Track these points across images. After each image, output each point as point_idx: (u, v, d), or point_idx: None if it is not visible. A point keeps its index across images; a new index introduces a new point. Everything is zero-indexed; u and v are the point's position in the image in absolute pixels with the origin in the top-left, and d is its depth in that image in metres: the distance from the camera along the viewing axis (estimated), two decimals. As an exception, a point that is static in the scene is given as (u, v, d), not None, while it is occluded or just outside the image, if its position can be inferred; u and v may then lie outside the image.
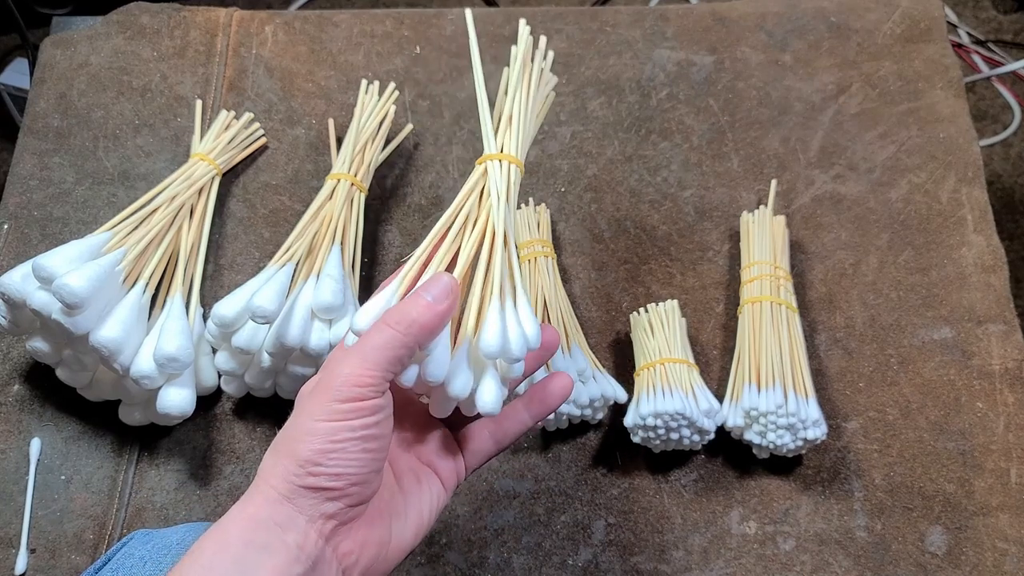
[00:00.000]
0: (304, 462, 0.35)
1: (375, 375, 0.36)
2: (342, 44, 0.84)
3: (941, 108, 0.79)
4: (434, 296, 0.38)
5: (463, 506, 0.64)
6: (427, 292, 0.38)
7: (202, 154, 0.73)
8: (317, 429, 0.35)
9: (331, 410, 0.35)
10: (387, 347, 0.36)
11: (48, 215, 0.75)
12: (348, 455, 0.36)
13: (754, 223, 0.71)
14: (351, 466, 0.36)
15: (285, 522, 0.35)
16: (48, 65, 0.82)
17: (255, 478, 0.37)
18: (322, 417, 0.36)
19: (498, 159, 0.47)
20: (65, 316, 0.57)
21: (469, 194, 0.45)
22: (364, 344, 0.37)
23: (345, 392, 0.36)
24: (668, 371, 0.63)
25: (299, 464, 0.35)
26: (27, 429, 0.67)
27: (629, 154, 0.78)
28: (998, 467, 0.65)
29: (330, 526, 0.36)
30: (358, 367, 0.36)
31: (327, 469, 0.35)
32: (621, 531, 0.63)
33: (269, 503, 0.35)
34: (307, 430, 0.36)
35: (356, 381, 0.36)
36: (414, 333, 0.37)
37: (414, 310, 0.37)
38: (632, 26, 0.84)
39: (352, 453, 0.36)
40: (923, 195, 0.75)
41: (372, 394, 0.36)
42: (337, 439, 0.35)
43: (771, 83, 0.81)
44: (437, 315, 0.37)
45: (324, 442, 0.35)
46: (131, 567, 0.51)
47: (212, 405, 0.68)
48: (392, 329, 0.36)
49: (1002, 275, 0.71)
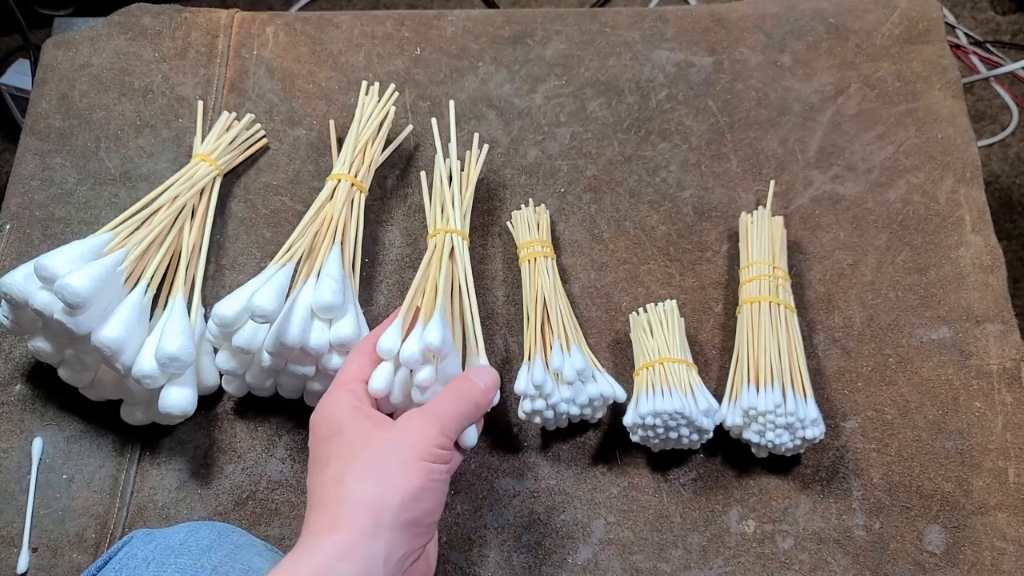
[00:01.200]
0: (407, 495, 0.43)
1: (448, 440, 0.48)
2: (343, 45, 0.84)
3: (939, 109, 0.79)
4: (485, 384, 0.51)
5: (463, 504, 0.65)
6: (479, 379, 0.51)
7: (203, 155, 0.73)
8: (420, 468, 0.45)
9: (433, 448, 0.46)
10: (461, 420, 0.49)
11: (50, 215, 0.75)
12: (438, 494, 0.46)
13: (753, 223, 0.72)
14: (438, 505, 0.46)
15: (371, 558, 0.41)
16: (50, 66, 0.82)
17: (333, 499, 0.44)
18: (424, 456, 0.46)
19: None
20: (67, 316, 0.58)
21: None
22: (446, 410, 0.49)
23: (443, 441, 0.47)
24: (667, 371, 0.63)
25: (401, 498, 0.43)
26: (29, 428, 0.67)
27: (628, 155, 0.79)
28: (996, 466, 0.65)
29: (407, 563, 0.44)
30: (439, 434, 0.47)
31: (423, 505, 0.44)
32: (620, 530, 0.64)
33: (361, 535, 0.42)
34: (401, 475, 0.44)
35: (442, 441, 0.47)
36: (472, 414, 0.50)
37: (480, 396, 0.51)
38: (631, 27, 0.84)
39: (440, 492, 0.46)
40: (921, 195, 0.76)
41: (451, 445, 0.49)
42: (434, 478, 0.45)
43: (770, 84, 0.81)
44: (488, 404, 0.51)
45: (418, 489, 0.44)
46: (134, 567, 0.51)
47: (213, 404, 0.68)
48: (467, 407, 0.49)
49: (1000, 275, 0.72)
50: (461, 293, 0.64)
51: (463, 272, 0.65)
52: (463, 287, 0.64)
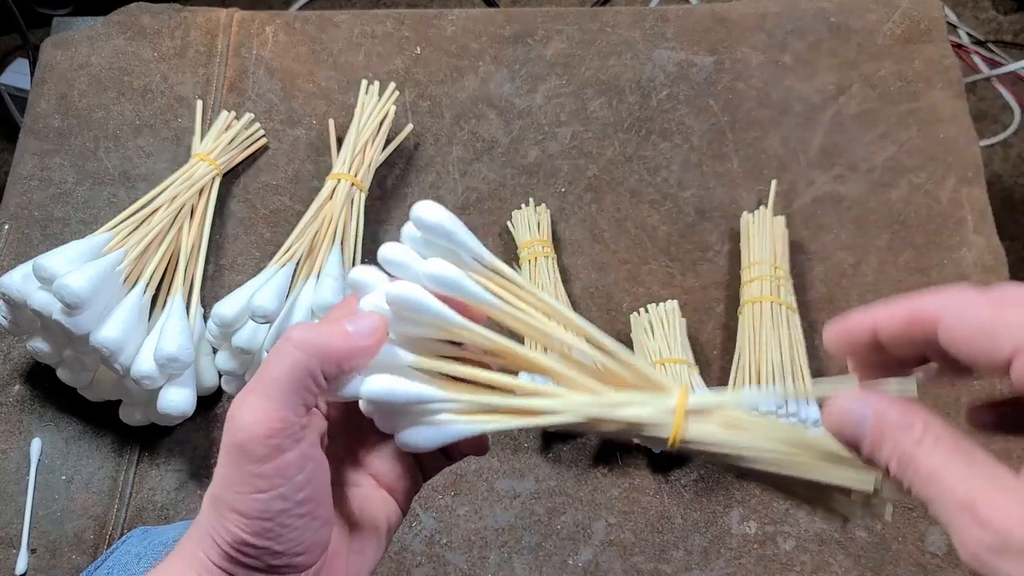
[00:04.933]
0: (239, 544, 0.30)
1: (283, 416, 0.29)
2: (342, 45, 0.84)
3: (941, 108, 0.79)
4: (356, 329, 0.31)
5: (463, 506, 0.65)
6: (351, 323, 0.31)
7: (203, 154, 0.73)
8: (244, 508, 0.30)
9: (251, 475, 0.29)
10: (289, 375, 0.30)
11: (49, 215, 0.75)
12: (287, 529, 0.30)
13: (754, 223, 0.71)
14: (293, 539, 0.30)
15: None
16: (49, 66, 0.82)
17: (195, 523, 0.32)
18: (245, 489, 0.29)
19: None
20: (66, 316, 0.57)
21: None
22: (262, 377, 0.30)
23: (257, 450, 0.29)
24: (668, 371, 0.63)
25: (234, 547, 0.30)
26: (28, 429, 0.67)
27: (629, 154, 0.78)
28: (998, 467, 0.65)
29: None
30: (260, 410, 0.29)
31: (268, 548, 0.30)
32: (621, 531, 0.63)
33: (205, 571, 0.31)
34: (232, 507, 0.30)
35: (263, 430, 0.29)
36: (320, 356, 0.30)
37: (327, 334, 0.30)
38: (632, 27, 0.84)
39: (290, 524, 0.30)
40: (923, 196, 0.75)
41: (289, 443, 0.29)
42: (269, 514, 0.30)
43: (771, 83, 0.81)
44: (353, 348, 0.31)
45: (256, 522, 0.30)
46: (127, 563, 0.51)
47: (213, 405, 0.68)
48: (297, 351, 0.30)
49: (1002, 276, 0.71)
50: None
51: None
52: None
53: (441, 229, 0.31)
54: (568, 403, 0.31)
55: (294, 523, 0.30)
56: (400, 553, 0.64)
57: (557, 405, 0.31)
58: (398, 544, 0.64)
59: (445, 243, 0.31)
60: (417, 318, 0.31)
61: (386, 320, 0.32)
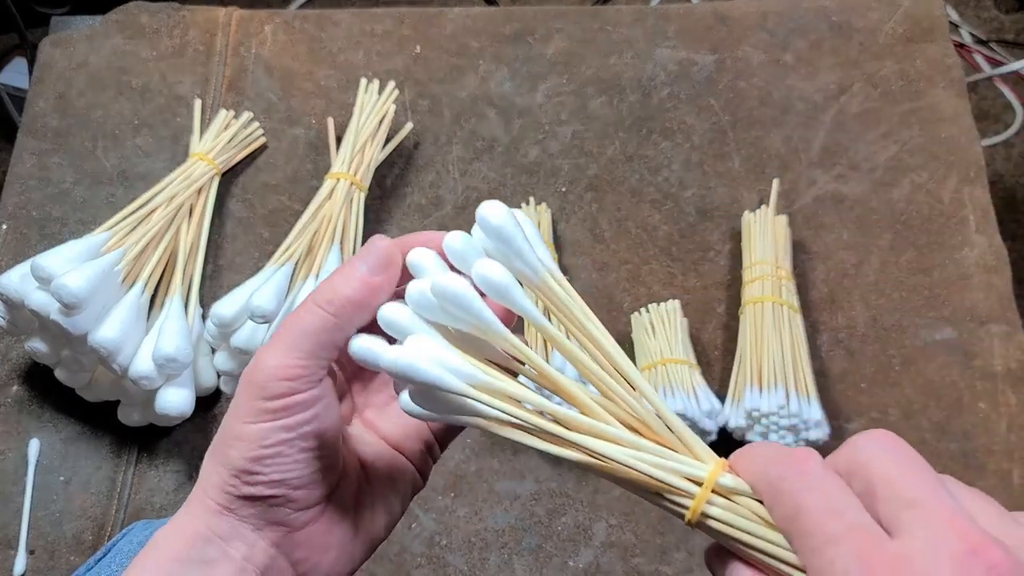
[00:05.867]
0: (238, 472, 0.31)
1: (305, 365, 0.31)
2: (342, 43, 0.83)
3: (943, 108, 0.78)
4: (369, 267, 0.31)
5: (463, 507, 0.64)
6: (361, 262, 0.31)
7: (201, 154, 0.73)
8: (246, 433, 0.31)
9: (259, 409, 0.30)
10: (317, 331, 0.31)
11: (47, 215, 0.74)
12: (285, 459, 0.31)
13: (756, 223, 0.71)
14: (291, 470, 0.31)
15: (228, 533, 0.32)
16: (47, 65, 0.82)
17: (197, 482, 0.33)
18: (250, 419, 0.31)
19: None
20: (64, 316, 0.57)
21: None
22: (290, 329, 0.31)
23: (272, 388, 0.30)
24: (669, 372, 0.63)
25: (233, 473, 0.31)
26: (26, 430, 0.67)
27: (630, 154, 0.78)
28: (1000, 468, 0.64)
29: (281, 532, 0.32)
30: (284, 357, 0.30)
31: (264, 477, 0.31)
32: (622, 532, 0.63)
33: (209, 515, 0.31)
34: (236, 434, 0.31)
35: (283, 374, 0.30)
36: (348, 313, 0.31)
37: (346, 286, 0.31)
38: (633, 25, 0.84)
39: (290, 456, 0.31)
40: (925, 195, 0.75)
41: (304, 386, 0.31)
42: (270, 442, 0.31)
43: (773, 82, 0.81)
44: (373, 290, 0.31)
45: (256, 448, 0.30)
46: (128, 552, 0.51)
47: (211, 406, 0.68)
48: (322, 310, 0.31)
49: (1004, 275, 0.71)
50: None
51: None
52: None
53: (499, 233, 0.30)
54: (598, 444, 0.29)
55: (295, 455, 0.31)
56: (400, 554, 0.63)
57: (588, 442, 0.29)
58: (397, 545, 0.63)
59: (504, 248, 0.30)
60: (459, 314, 0.30)
61: (396, 249, 0.32)
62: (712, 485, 0.27)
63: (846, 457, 0.26)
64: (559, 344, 0.30)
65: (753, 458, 0.27)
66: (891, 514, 0.23)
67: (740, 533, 0.26)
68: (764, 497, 0.26)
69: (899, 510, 0.23)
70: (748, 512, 0.26)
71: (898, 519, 0.23)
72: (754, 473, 0.27)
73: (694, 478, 0.27)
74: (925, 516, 0.23)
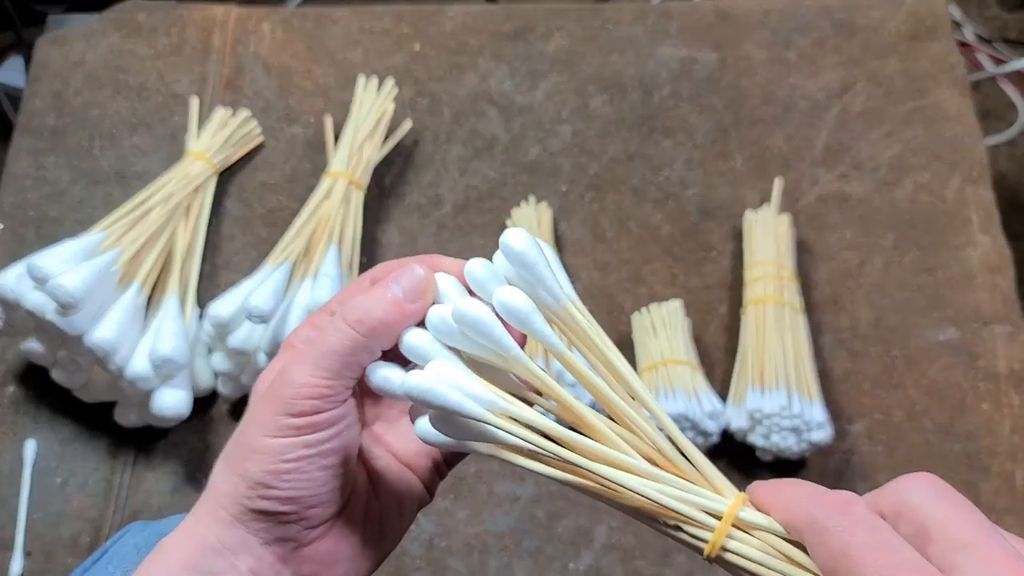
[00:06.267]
0: (254, 484, 0.31)
1: (332, 384, 0.31)
2: (340, 41, 0.83)
3: (946, 106, 0.78)
4: (405, 292, 0.31)
5: (463, 510, 0.64)
6: (398, 285, 0.31)
7: (198, 152, 0.72)
8: (267, 447, 0.31)
9: (283, 425, 0.31)
10: (345, 352, 0.31)
11: (43, 215, 0.74)
12: (303, 475, 0.31)
13: (758, 222, 0.71)
14: (308, 488, 0.31)
15: (237, 546, 0.32)
16: (44, 63, 0.81)
17: (206, 489, 0.32)
18: (272, 432, 0.31)
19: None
20: (60, 317, 0.57)
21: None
22: (319, 346, 0.31)
23: (299, 405, 0.31)
24: (671, 372, 0.62)
25: (249, 486, 0.31)
26: (22, 431, 0.66)
27: (632, 152, 0.78)
28: (1004, 470, 0.64)
29: (289, 548, 0.32)
30: (312, 375, 0.31)
31: (280, 492, 0.31)
32: (623, 535, 0.63)
33: (219, 524, 0.31)
34: (256, 447, 0.31)
35: (310, 392, 0.31)
36: (378, 335, 0.31)
37: (379, 308, 0.31)
38: (635, 23, 0.83)
39: (308, 473, 0.31)
40: (928, 194, 0.74)
41: (330, 405, 0.31)
42: (290, 458, 0.31)
43: (775, 81, 0.80)
44: (405, 316, 0.31)
45: (276, 461, 0.31)
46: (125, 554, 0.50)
47: (208, 407, 0.67)
48: (352, 330, 0.31)
49: (1008, 275, 0.71)
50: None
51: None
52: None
53: (521, 259, 0.29)
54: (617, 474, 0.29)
55: (313, 472, 0.31)
56: (399, 557, 0.63)
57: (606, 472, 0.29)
58: (397, 548, 0.63)
59: (527, 275, 0.30)
60: (479, 341, 0.30)
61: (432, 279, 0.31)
62: (732, 519, 0.27)
63: (892, 500, 0.25)
64: (579, 373, 0.30)
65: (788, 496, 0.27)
66: (945, 556, 0.23)
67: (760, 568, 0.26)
68: (806, 534, 0.26)
69: (954, 552, 0.23)
70: (768, 548, 0.26)
71: (953, 562, 0.23)
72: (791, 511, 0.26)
73: (713, 512, 0.27)
74: (981, 558, 0.23)
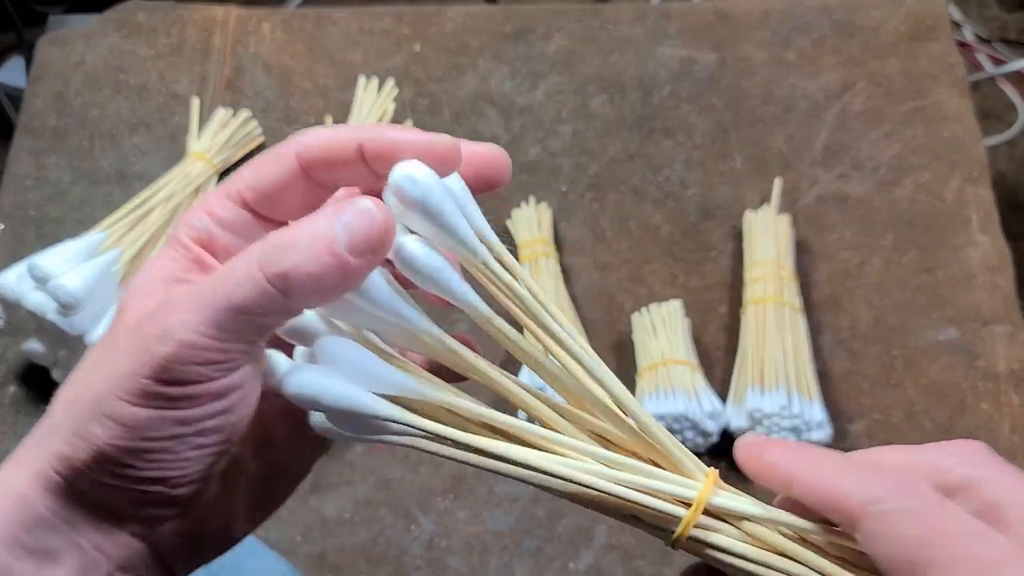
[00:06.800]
0: (101, 456, 0.22)
1: (226, 349, 0.22)
2: (340, 42, 0.83)
3: (946, 107, 0.78)
4: (351, 239, 0.21)
5: (463, 509, 0.64)
6: (341, 226, 0.21)
7: (199, 153, 0.72)
8: (125, 416, 0.22)
9: (150, 392, 0.21)
10: (253, 310, 0.21)
11: (44, 215, 0.74)
12: (171, 456, 0.22)
13: (758, 222, 0.71)
14: (175, 469, 0.23)
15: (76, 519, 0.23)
16: (44, 64, 0.81)
17: (39, 428, 0.23)
18: (133, 398, 0.22)
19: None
20: (61, 317, 0.57)
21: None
22: (216, 294, 0.21)
23: (175, 371, 0.21)
24: (671, 372, 0.62)
25: (92, 456, 0.22)
26: (22, 431, 0.66)
27: (631, 152, 0.78)
28: (1005, 470, 0.64)
29: (145, 524, 0.24)
30: (199, 332, 0.21)
31: (137, 473, 0.22)
32: (623, 535, 0.63)
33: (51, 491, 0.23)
34: (109, 410, 0.22)
35: (193, 357, 0.21)
36: (303, 296, 0.22)
37: (313, 261, 0.21)
38: (634, 23, 0.83)
39: (179, 453, 0.22)
40: (928, 195, 0.74)
41: (218, 374, 0.22)
42: (155, 435, 0.22)
43: (775, 81, 0.80)
44: (347, 276, 0.22)
45: (134, 438, 0.22)
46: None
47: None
48: (270, 285, 0.21)
49: (1008, 275, 0.71)
50: None
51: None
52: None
53: (423, 205, 0.22)
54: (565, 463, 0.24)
55: (185, 452, 0.22)
56: (399, 557, 0.63)
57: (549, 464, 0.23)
58: (396, 548, 0.63)
59: (432, 225, 0.22)
60: (374, 311, 0.23)
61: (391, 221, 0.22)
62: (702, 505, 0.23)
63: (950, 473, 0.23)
64: (505, 340, 0.24)
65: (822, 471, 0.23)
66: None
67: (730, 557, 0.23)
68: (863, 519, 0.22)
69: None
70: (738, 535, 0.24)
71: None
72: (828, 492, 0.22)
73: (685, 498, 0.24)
74: None
